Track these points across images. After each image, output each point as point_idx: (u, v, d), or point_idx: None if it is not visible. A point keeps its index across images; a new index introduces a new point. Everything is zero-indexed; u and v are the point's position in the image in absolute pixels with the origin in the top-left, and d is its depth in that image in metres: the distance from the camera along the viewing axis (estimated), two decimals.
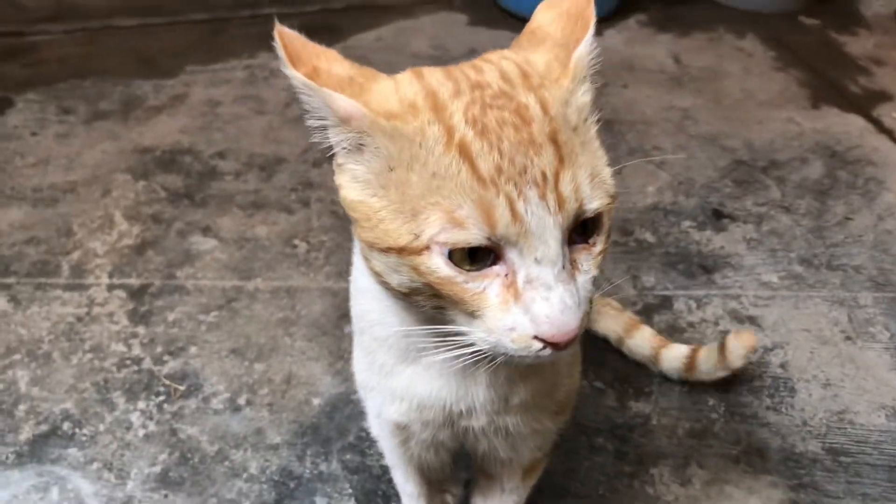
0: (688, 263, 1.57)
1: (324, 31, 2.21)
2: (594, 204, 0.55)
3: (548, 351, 0.55)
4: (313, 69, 0.56)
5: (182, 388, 1.30)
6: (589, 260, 0.58)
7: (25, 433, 1.21)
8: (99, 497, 1.14)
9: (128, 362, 1.33)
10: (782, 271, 1.55)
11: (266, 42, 0.59)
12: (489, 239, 0.53)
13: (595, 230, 0.57)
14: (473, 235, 0.52)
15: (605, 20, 2.36)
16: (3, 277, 1.47)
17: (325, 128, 0.57)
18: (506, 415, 0.74)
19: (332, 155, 0.59)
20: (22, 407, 1.25)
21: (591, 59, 0.60)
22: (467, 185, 0.52)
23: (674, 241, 1.62)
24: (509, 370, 0.70)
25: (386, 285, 0.59)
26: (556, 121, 0.55)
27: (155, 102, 1.94)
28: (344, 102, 0.54)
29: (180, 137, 1.83)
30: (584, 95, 0.58)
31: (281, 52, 0.56)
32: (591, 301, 0.58)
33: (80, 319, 1.40)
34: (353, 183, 0.58)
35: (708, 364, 1.28)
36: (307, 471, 1.17)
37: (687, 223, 1.67)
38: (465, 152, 0.52)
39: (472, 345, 0.57)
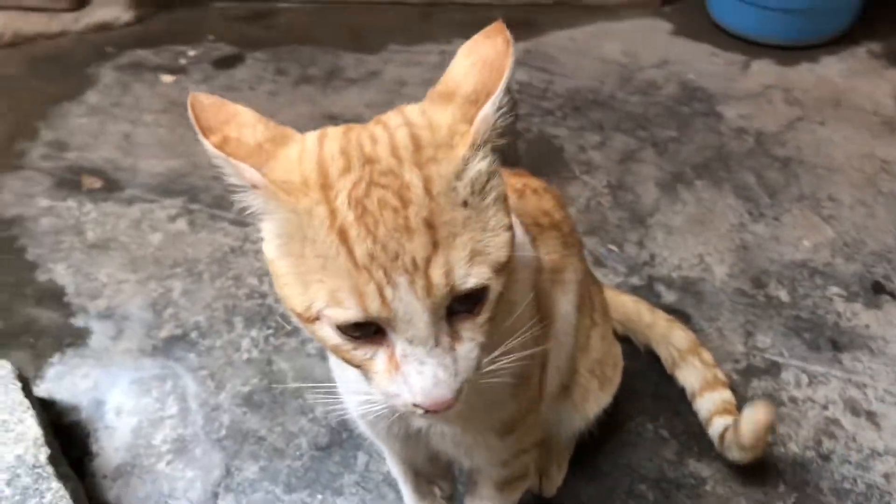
0: (817, 334, 1.45)
1: (522, 25, 2.31)
2: (470, 283, 0.57)
3: (429, 416, 0.61)
4: (223, 138, 0.60)
5: (289, 327, 1.52)
6: (473, 329, 0.61)
7: (165, 332, 1.51)
8: (198, 398, 1.39)
9: (255, 295, 1.58)
10: None
11: (465, 29, 0.66)
12: (366, 319, 0.57)
13: (479, 301, 0.60)
14: (351, 314, 0.57)
15: (826, 45, 2.15)
16: (191, 203, 1.81)
17: (240, 190, 0.60)
18: (444, 422, 0.80)
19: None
20: (169, 311, 1.56)
21: (500, 118, 0.60)
22: (345, 268, 0.56)
23: (811, 305, 1.50)
24: None
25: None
26: (437, 200, 0.57)
27: (353, 75, 2.20)
28: (248, 173, 0.58)
29: (363, 111, 2.06)
30: (480, 162, 0.59)
31: (193, 122, 0.60)
32: (477, 367, 0.62)
33: (233, 251, 1.68)
34: (268, 242, 0.61)
35: (728, 438, 1.21)
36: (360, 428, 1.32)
37: (835, 290, 1.53)
38: (343, 237, 0.56)
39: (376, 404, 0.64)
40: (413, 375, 0.59)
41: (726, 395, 1.31)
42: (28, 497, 1.11)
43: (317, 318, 0.59)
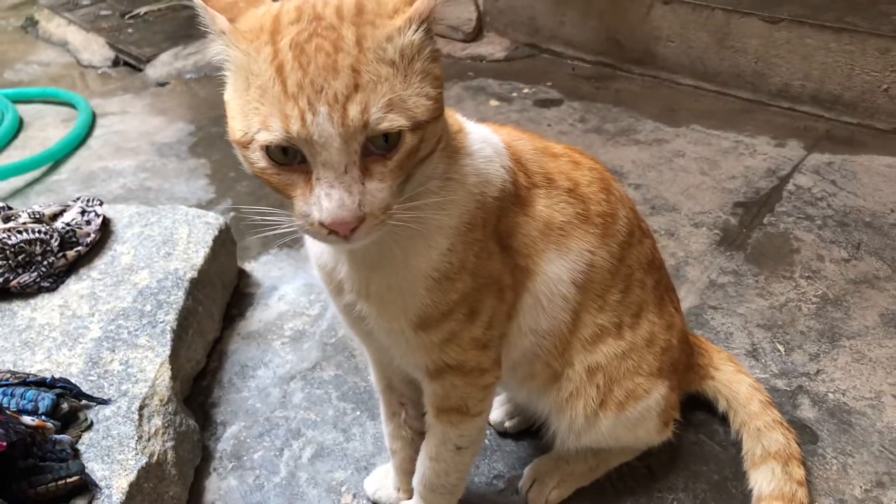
0: None
1: (841, 141, 2.21)
2: (383, 124, 0.70)
3: (334, 237, 0.74)
4: None
5: None
6: (383, 171, 0.73)
7: None
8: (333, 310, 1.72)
9: None
10: None
11: (774, 130, 0.89)
12: (287, 141, 0.70)
13: (394, 148, 0.73)
14: (275, 136, 0.70)
15: None
16: None
17: (212, 39, 0.76)
18: (366, 301, 0.93)
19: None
20: None
21: (438, 4, 0.73)
22: (277, 97, 0.69)
23: None
24: (363, 258, 0.90)
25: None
26: (365, 54, 0.70)
27: (640, 137, 2.36)
28: (218, 20, 0.74)
29: (629, 166, 2.21)
30: (414, 35, 0.72)
31: None
32: (383, 206, 0.74)
33: None
34: (228, 87, 0.77)
35: None
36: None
37: None
38: (280, 70, 0.69)
39: (294, 226, 0.77)
40: (322, 197, 0.72)
41: None
42: (160, 304, 1.52)
43: (250, 143, 0.73)
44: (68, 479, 1.12)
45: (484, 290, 0.96)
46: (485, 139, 0.98)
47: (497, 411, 1.41)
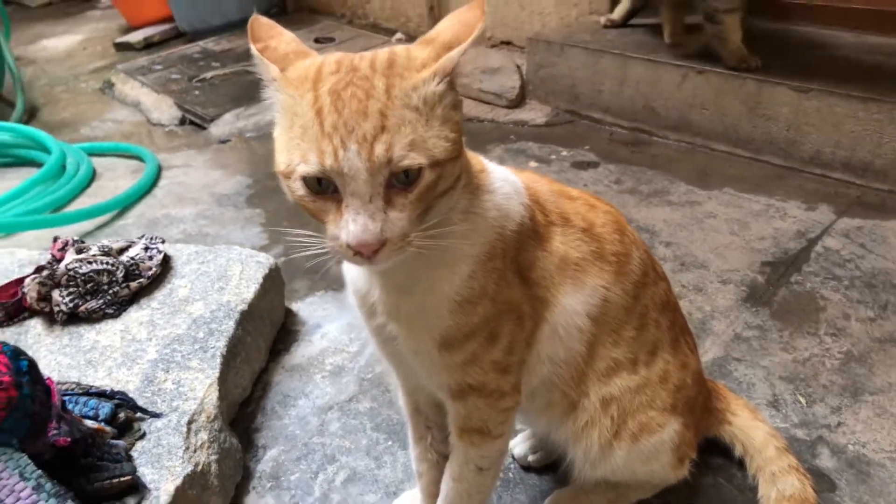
0: None
1: (873, 207, 2.25)
2: (405, 162, 0.80)
3: (359, 258, 0.84)
4: (265, 46, 0.90)
5: None
6: (404, 202, 0.83)
7: None
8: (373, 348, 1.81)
9: None
10: None
11: (806, 195, 1.03)
12: (322, 173, 0.81)
13: (414, 181, 0.83)
14: (312, 168, 0.81)
15: None
16: None
17: (265, 87, 0.89)
18: (396, 322, 1.03)
19: None
20: None
21: (462, 62, 0.84)
22: (316, 136, 0.81)
23: None
24: (394, 283, 1.00)
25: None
26: (393, 101, 0.81)
27: (673, 199, 2.44)
28: (271, 68, 0.87)
29: (661, 225, 2.29)
30: (437, 86, 0.83)
31: (249, 32, 0.90)
32: (403, 233, 0.84)
33: None
34: (276, 126, 0.88)
35: None
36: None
37: None
38: (319, 113, 0.81)
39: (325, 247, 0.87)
40: (350, 222, 0.82)
41: None
42: (212, 332, 1.64)
43: (292, 174, 0.84)
44: (122, 479, 1.23)
45: (503, 316, 1.05)
46: (505, 178, 1.08)
47: (521, 446, 1.47)
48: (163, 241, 1.90)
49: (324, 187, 0.84)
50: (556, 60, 3.26)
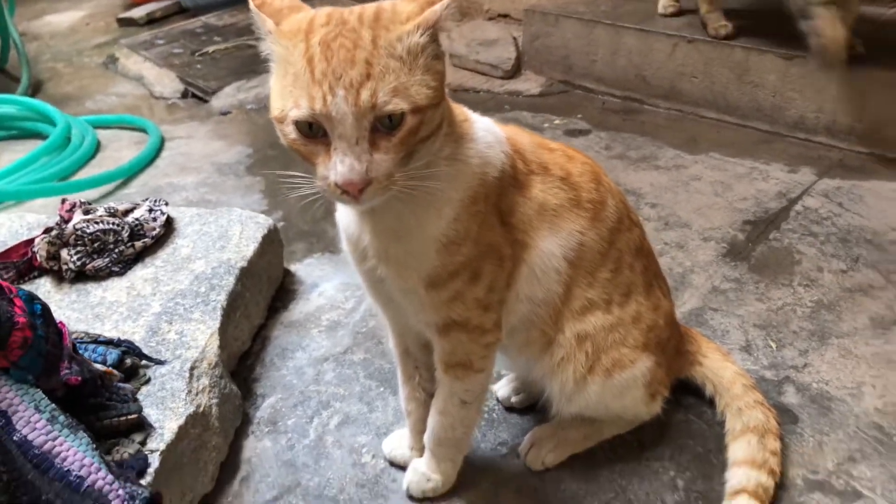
0: None
1: (853, 169, 2.32)
2: (388, 107, 0.87)
3: (346, 197, 0.91)
4: (262, 2, 0.96)
5: None
6: (388, 145, 0.90)
7: None
8: (368, 304, 1.90)
9: None
10: None
11: (789, 159, 1.13)
12: (312, 116, 0.87)
13: (398, 126, 0.90)
14: (302, 112, 0.88)
15: None
16: None
17: (262, 39, 0.95)
18: (386, 264, 1.11)
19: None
20: None
21: (445, 16, 0.90)
22: (307, 83, 0.87)
23: None
24: (383, 227, 1.07)
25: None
26: (378, 50, 0.88)
27: (661, 164, 2.51)
28: (267, 22, 0.93)
29: (647, 188, 2.36)
30: (420, 38, 0.90)
31: None
32: (388, 173, 0.91)
33: None
34: (272, 76, 0.95)
35: None
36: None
37: None
38: (310, 62, 0.88)
39: (315, 187, 0.94)
40: (338, 163, 0.90)
41: (767, 482, 1.28)
42: (213, 287, 1.73)
43: (285, 119, 0.91)
44: (129, 417, 1.31)
45: (485, 257, 1.13)
46: (488, 129, 1.16)
47: (504, 388, 1.56)
48: (166, 204, 1.98)
49: (314, 131, 0.91)
50: (550, 31, 3.31)
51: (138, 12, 4.87)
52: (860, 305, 1.73)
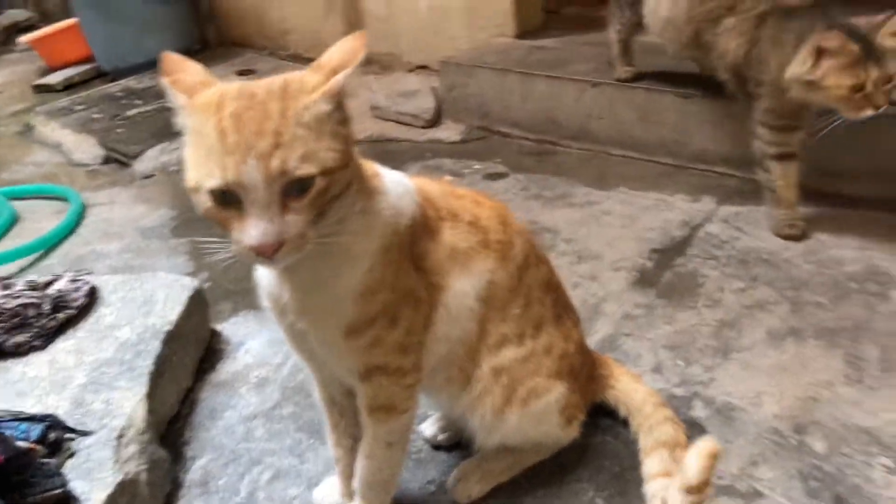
0: (826, 486, 1.39)
1: (753, 195, 2.48)
2: (298, 172, 0.93)
3: (261, 258, 0.96)
4: (175, 79, 1.01)
5: None
6: (299, 207, 0.95)
7: None
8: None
9: None
10: None
11: (692, 189, 1.30)
12: (226, 185, 0.92)
13: (307, 189, 0.95)
14: (216, 182, 0.92)
15: None
16: None
17: (176, 112, 1.00)
18: (305, 318, 1.16)
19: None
20: None
21: (347, 84, 0.98)
22: (220, 154, 0.92)
23: (842, 463, 1.43)
24: (301, 282, 1.12)
25: None
26: (287, 120, 0.93)
27: (575, 201, 2.64)
28: (180, 97, 0.98)
29: (562, 224, 2.48)
30: (325, 106, 0.96)
31: (160, 68, 1.02)
32: (300, 234, 0.96)
33: None
34: (186, 147, 0.99)
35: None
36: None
37: (884, 460, 1.42)
38: (222, 134, 0.92)
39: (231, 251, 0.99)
40: (251, 226, 0.94)
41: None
42: (139, 353, 1.74)
43: (199, 189, 0.95)
44: (53, 492, 1.32)
45: (402, 302, 1.19)
46: (398, 181, 1.24)
47: (431, 428, 1.61)
48: (89, 273, 1.99)
49: (228, 199, 0.96)
50: (466, 81, 3.46)
51: (55, 78, 4.84)
52: (758, 321, 1.86)
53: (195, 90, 1.01)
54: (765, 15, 2.12)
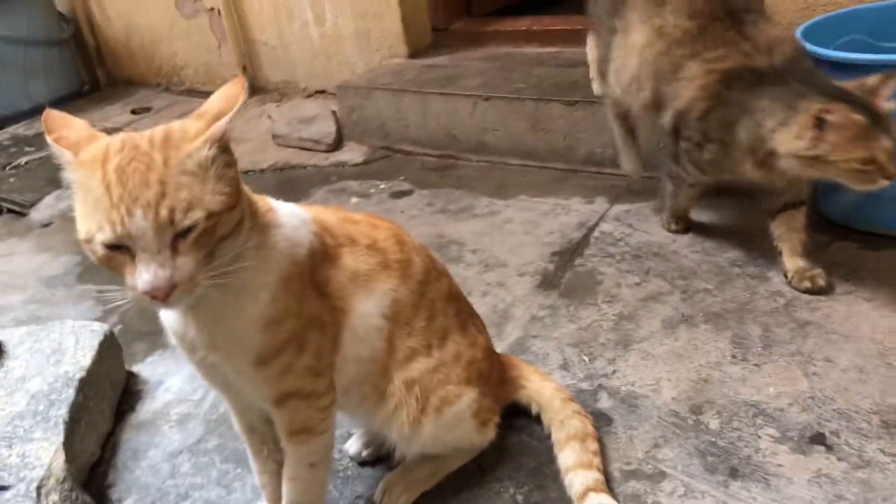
0: (721, 460, 1.50)
1: (641, 193, 2.65)
2: (186, 222, 0.97)
3: (156, 302, 0.99)
4: (59, 136, 1.03)
5: None
6: (186, 249, 0.99)
7: None
8: (215, 395, 1.94)
9: None
10: None
11: (585, 191, 1.46)
12: (115, 238, 0.96)
13: (192, 232, 0.99)
14: (106, 236, 0.96)
15: None
16: None
17: (62, 168, 1.03)
18: (215, 351, 1.19)
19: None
20: None
21: (227, 130, 1.02)
22: (107, 207, 0.95)
23: (734, 437, 1.55)
24: (205, 317, 1.15)
25: None
26: (171, 170, 0.97)
27: (478, 212, 2.74)
28: (65, 153, 1.00)
29: (468, 236, 2.57)
30: (209, 152, 1.00)
31: (43, 125, 1.04)
32: (191, 274, 1.00)
33: None
34: (75, 202, 1.02)
35: None
36: None
37: (770, 430, 1.55)
38: (108, 188, 0.95)
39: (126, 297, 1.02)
40: (143, 272, 0.97)
41: (600, 477, 1.46)
42: (52, 403, 1.72)
43: (91, 240, 0.99)
44: None
45: (308, 328, 1.24)
46: (292, 213, 1.29)
47: (355, 445, 1.66)
48: None
49: (119, 247, 0.99)
50: (364, 103, 3.52)
51: None
52: (653, 311, 1.99)
53: (80, 146, 1.03)
54: (731, 73, 1.93)
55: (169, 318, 1.23)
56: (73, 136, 1.05)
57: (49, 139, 1.03)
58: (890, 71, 1.73)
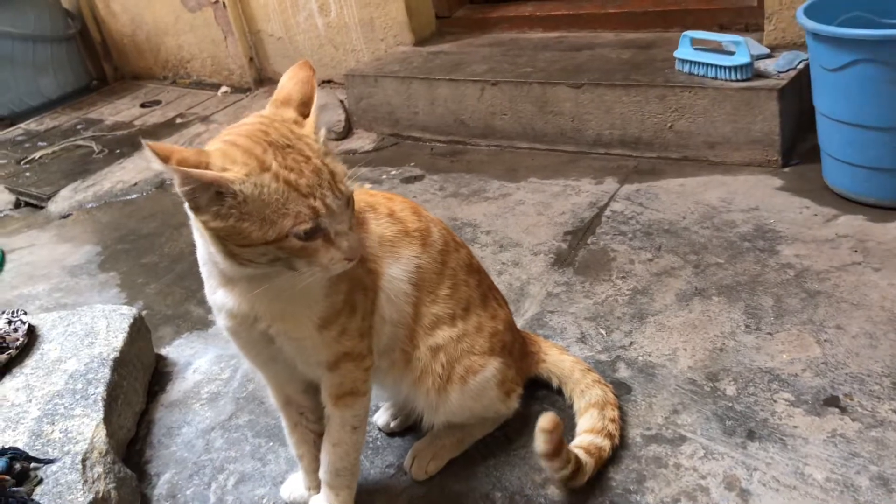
0: (739, 423, 1.55)
1: (647, 172, 2.69)
2: (353, 188, 1.10)
3: (349, 264, 1.11)
4: (179, 159, 0.99)
5: None
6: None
7: None
8: (244, 374, 1.99)
9: None
10: (838, 476, 1.37)
11: (595, 172, 1.48)
12: (318, 221, 1.04)
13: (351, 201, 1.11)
14: (310, 223, 1.04)
15: None
16: None
17: (193, 191, 1.01)
18: (281, 321, 1.25)
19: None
20: None
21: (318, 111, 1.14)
22: (297, 199, 1.03)
23: (751, 402, 1.60)
24: (275, 288, 1.18)
25: (240, 260, 1.09)
26: (319, 152, 1.08)
27: (490, 195, 2.79)
28: (208, 175, 1.00)
29: (480, 218, 2.62)
30: (317, 135, 1.11)
31: (154, 158, 0.98)
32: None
33: None
34: (216, 219, 1.03)
35: None
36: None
37: (785, 395, 1.59)
38: (288, 183, 1.02)
39: (303, 276, 1.10)
40: (345, 243, 1.09)
41: (602, 443, 1.51)
42: (90, 382, 1.78)
43: (286, 237, 1.04)
44: None
45: (355, 289, 1.31)
46: None
47: (383, 416, 1.71)
48: (25, 313, 1.99)
49: (310, 234, 1.05)
50: (372, 91, 3.56)
51: None
52: (666, 285, 2.04)
53: (219, 167, 1.03)
54: None
55: (225, 298, 1.24)
56: (185, 154, 1.02)
57: (173, 168, 0.99)
58: (890, 46, 1.78)
